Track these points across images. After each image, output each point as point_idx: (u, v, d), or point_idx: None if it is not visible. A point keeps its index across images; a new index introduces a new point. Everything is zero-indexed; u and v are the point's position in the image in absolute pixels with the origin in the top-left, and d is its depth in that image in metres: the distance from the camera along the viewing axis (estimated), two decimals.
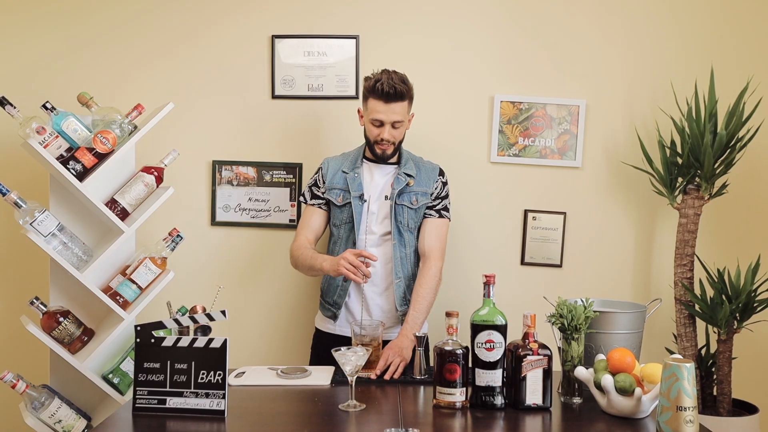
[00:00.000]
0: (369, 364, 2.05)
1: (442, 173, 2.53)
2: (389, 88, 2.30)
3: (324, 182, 2.48)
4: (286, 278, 2.90)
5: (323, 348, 2.39)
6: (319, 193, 2.48)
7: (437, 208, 2.48)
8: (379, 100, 2.32)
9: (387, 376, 2.11)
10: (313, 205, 2.49)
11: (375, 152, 2.41)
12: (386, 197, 2.42)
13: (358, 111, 2.47)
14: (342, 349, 1.85)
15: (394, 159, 2.47)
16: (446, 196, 2.52)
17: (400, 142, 2.44)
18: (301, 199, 2.55)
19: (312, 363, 2.51)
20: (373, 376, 2.10)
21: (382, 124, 2.35)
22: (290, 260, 2.47)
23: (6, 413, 2.85)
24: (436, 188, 2.49)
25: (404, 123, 2.40)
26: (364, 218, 2.40)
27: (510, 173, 2.87)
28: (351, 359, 1.81)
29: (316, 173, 2.53)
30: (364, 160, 2.49)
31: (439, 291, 2.78)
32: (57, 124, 2.45)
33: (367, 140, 2.44)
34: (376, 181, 2.46)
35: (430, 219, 2.47)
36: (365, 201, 2.42)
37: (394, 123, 2.35)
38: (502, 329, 1.81)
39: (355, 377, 1.84)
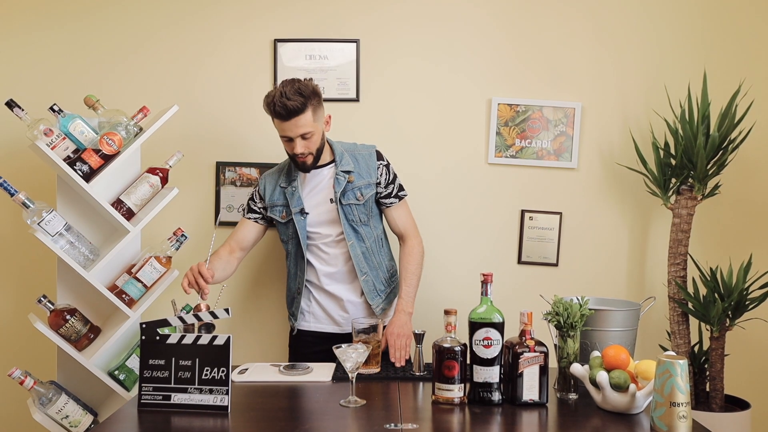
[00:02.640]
0: (370, 360, 2.05)
1: (380, 156, 2.43)
2: (281, 109, 2.18)
3: (262, 198, 2.43)
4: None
5: (300, 345, 2.46)
6: (256, 208, 2.44)
7: (394, 193, 2.42)
8: (276, 118, 2.23)
9: (398, 363, 2.13)
10: (249, 218, 2.45)
11: (298, 166, 2.33)
12: (331, 200, 2.35)
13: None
14: (342, 346, 1.85)
15: (328, 159, 2.38)
16: (395, 177, 2.44)
17: (320, 149, 2.31)
18: (240, 212, 2.47)
19: (290, 360, 2.51)
20: (398, 364, 2.14)
21: (290, 139, 2.25)
22: None
23: (14, 409, 2.85)
24: (380, 174, 2.40)
25: (315, 131, 2.26)
26: (306, 232, 2.37)
27: (507, 174, 2.87)
28: (351, 356, 1.81)
29: (254, 188, 2.49)
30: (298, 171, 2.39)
31: (438, 290, 2.80)
32: (64, 126, 2.45)
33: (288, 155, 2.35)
34: (317, 187, 2.38)
35: (393, 206, 2.44)
36: (306, 214, 2.36)
37: (303, 135, 2.23)
38: (499, 327, 1.81)
39: (356, 374, 1.84)
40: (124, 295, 2.50)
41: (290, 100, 2.17)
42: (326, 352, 2.18)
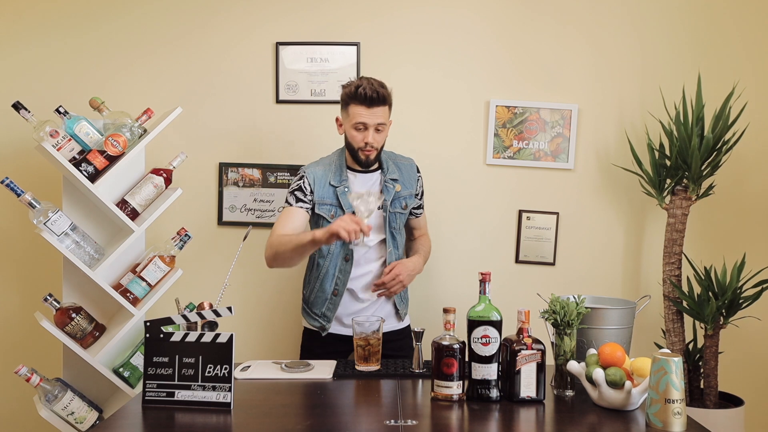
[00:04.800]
0: (370, 358, 2.05)
1: (418, 169, 2.50)
2: (372, 92, 2.22)
3: (312, 192, 2.33)
4: (289, 276, 2.90)
5: (316, 346, 2.40)
6: (306, 199, 2.32)
7: (422, 205, 2.51)
8: (361, 105, 2.23)
9: (382, 293, 2.25)
10: (301, 208, 2.32)
11: (359, 159, 2.31)
12: (379, 207, 2.33)
13: (336, 120, 2.37)
14: (354, 193, 2.09)
15: (375, 165, 2.37)
16: (423, 191, 2.53)
17: (381, 148, 2.35)
18: (284, 204, 2.35)
19: (301, 356, 2.48)
20: (374, 290, 2.30)
21: (365, 127, 2.25)
22: (267, 255, 2.29)
23: (21, 406, 2.85)
24: (419, 186, 2.48)
25: (386, 127, 2.31)
26: None
27: (505, 175, 2.87)
28: (369, 200, 2.01)
29: (298, 180, 2.34)
30: (348, 170, 2.37)
31: (437, 288, 2.80)
32: (70, 127, 2.45)
33: (350, 148, 2.33)
34: (363, 190, 2.34)
35: (420, 217, 2.53)
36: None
37: (378, 126, 2.27)
38: (497, 325, 1.80)
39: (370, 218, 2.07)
40: (128, 294, 2.50)
41: (379, 89, 2.24)
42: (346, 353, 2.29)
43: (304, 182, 2.33)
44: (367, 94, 2.22)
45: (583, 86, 2.85)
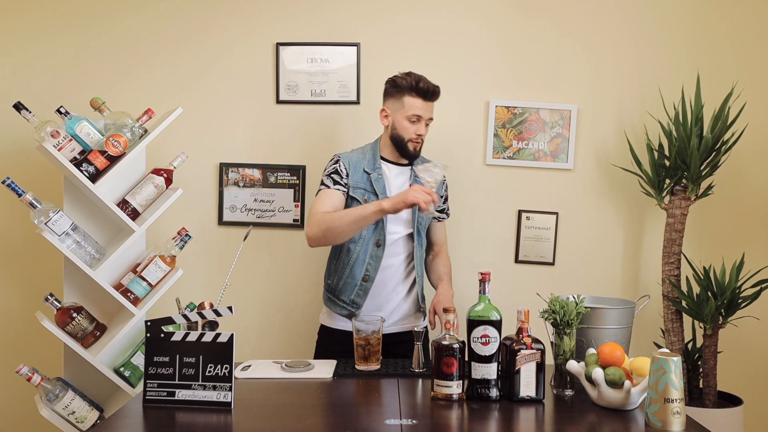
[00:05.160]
0: (370, 358, 2.05)
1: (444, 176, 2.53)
2: (432, 87, 2.30)
3: (347, 175, 2.33)
4: (289, 275, 2.90)
5: (332, 343, 2.39)
6: (342, 182, 2.32)
7: (445, 210, 2.52)
8: (419, 97, 2.29)
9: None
10: (338, 190, 2.31)
11: (407, 150, 2.33)
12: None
13: (382, 111, 2.37)
14: (421, 166, 2.19)
15: (404, 160, 2.40)
16: (448, 196, 2.56)
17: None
18: (319, 188, 2.34)
19: (317, 357, 2.46)
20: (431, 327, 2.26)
21: (419, 120, 2.30)
22: (313, 232, 2.23)
23: (22, 405, 2.85)
24: (445, 190, 2.51)
25: (431, 122, 2.38)
26: (388, 219, 2.34)
27: (504, 175, 2.87)
28: (434, 171, 2.15)
29: (334, 164, 2.35)
30: (381, 160, 2.39)
31: None
32: (71, 128, 2.45)
33: (398, 139, 2.34)
34: (396, 182, 2.39)
35: (441, 226, 2.53)
36: None
37: (428, 120, 2.34)
38: (497, 324, 1.80)
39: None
40: (129, 294, 2.50)
41: (436, 86, 2.32)
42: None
43: (339, 166, 2.35)
44: (429, 89, 2.30)
45: (583, 87, 2.85)
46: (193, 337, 1.76)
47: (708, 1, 2.81)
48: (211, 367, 1.74)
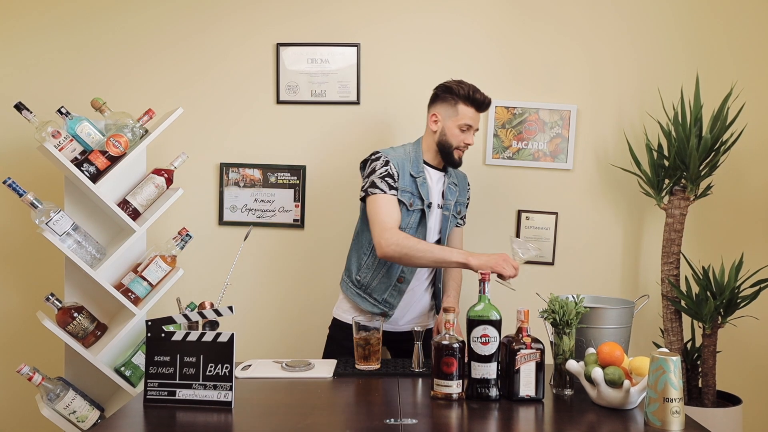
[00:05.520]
0: (370, 357, 2.05)
1: (468, 182, 2.55)
2: (486, 99, 2.32)
3: (398, 178, 2.27)
4: (290, 275, 2.90)
5: (344, 338, 2.36)
6: (395, 186, 2.26)
7: (465, 216, 2.54)
8: (471, 107, 2.30)
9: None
10: (394, 195, 2.25)
11: (452, 157, 2.33)
12: (439, 206, 2.36)
13: (433, 115, 2.34)
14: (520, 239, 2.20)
15: (441, 166, 2.40)
16: (469, 203, 2.57)
17: None
18: (373, 191, 2.25)
19: (327, 351, 2.43)
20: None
21: (468, 129, 2.32)
22: (391, 251, 2.15)
23: (23, 404, 2.85)
24: (468, 198, 2.53)
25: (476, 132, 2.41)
26: (428, 226, 2.34)
27: (504, 175, 2.87)
28: (528, 249, 2.17)
29: (384, 166, 2.27)
30: (423, 163, 2.36)
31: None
32: (71, 128, 2.45)
33: (446, 145, 2.33)
34: (436, 188, 2.38)
35: (458, 232, 2.53)
36: (430, 209, 2.34)
37: (476, 130, 2.36)
38: (496, 324, 1.80)
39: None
40: (130, 293, 2.50)
41: (488, 97, 2.33)
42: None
43: (390, 168, 2.28)
44: (485, 101, 2.32)
45: (582, 87, 2.85)
46: (193, 336, 1.76)
47: (707, 2, 2.82)
48: (211, 366, 1.74)
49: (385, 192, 2.25)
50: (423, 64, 2.85)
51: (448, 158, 2.35)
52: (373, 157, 2.31)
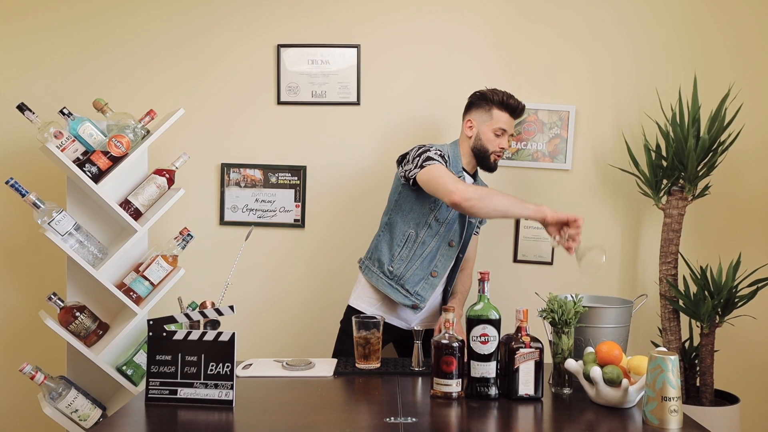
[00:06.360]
0: (370, 356, 2.05)
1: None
2: (521, 105, 2.37)
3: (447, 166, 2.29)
4: (290, 275, 2.90)
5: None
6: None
7: (480, 225, 2.55)
8: (506, 112, 2.35)
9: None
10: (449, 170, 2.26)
11: (488, 162, 2.37)
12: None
13: (468, 121, 2.38)
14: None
15: (473, 171, 2.43)
16: None
17: None
18: (430, 162, 2.21)
19: (339, 347, 2.40)
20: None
21: (503, 134, 2.36)
22: (468, 196, 2.11)
23: (25, 403, 2.85)
24: None
25: (511, 138, 2.45)
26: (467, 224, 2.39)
27: (503, 175, 2.87)
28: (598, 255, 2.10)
29: (437, 150, 2.27)
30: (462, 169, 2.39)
31: None
32: (74, 128, 2.45)
33: (481, 150, 2.36)
34: None
35: (475, 239, 2.55)
36: None
37: (510, 135, 2.40)
38: (496, 323, 1.81)
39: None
40: (131, 293, 2.50)
41: (522, 103, 2.38)
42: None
43: (445, 155, 2.30)
44: (518, 106, 2.37)
45: (581, 88, 2.85)
46: (194, 335, 1.76)
47: (704, 3, 2.81)
48: (212, 365, 1.74)
49: (442, 163, 2.24)
50: (423, 65, 2.85)
51: (484, 162, 2.39)
52: (421, 145, 2.30)
